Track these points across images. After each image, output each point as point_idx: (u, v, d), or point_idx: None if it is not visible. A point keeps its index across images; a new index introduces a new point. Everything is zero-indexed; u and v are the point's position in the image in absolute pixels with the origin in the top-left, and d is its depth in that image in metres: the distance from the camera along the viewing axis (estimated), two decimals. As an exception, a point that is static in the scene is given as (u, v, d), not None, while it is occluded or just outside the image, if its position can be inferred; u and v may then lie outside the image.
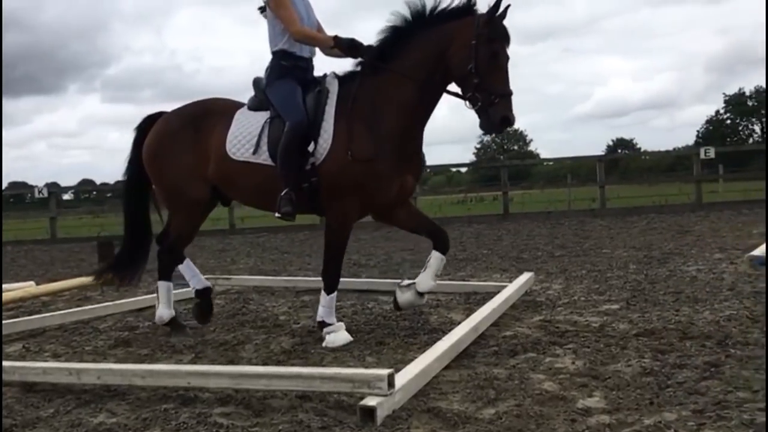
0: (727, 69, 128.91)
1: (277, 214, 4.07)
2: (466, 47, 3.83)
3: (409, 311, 4.67)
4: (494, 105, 3.78)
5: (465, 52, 3.84)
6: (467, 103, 3.91)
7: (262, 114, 4.24)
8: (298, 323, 4.78)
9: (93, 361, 3.93)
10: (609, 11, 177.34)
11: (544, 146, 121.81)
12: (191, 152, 4.38)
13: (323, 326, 4.08)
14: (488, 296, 4.97)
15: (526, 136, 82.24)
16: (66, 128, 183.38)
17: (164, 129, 4.53)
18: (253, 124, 4.21)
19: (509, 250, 9.13)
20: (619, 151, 69.77)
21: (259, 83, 4.36)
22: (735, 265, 6.35)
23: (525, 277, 5.58)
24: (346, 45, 4.09)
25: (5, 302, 5.54)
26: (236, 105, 4.46)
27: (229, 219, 16.08)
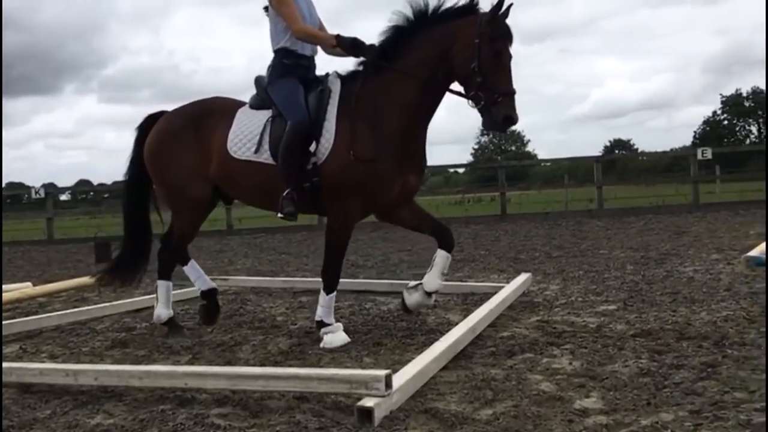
0: (725, 70, 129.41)
1: (279, 215, 4.07)
2: (470, 46, 3.82)
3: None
4: (497, 104, 3.78)
5: (468, 50, 3.83)
6: (470, 102, 3.90)
7: (264, 113, 4.23)
8: (296, 324, 4.77)
9: (90, 362, 3.93)
10: (606, 12, 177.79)
11: (541, 147, 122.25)
12: (192, 151, 4.37)
13: (321, 326, 4.08)
14: (486, 297, 4.98)
15: (524, 136, 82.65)
16: (63, 129, 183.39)
17: (165, 128, 4.52)
18: (255, 123, 4.20)
19: (507, 250, 9.14)
20: (617, 151, 69.97)
21: (261, 82, 4.34)
22: (732, 266, 6.36)
23: (522, 277, 5.59)
24: (348, 44, 4.07)
25: (2, 303, 5.53)
26: (238, 104, 4.45)
27: (227, 220, 16.07)
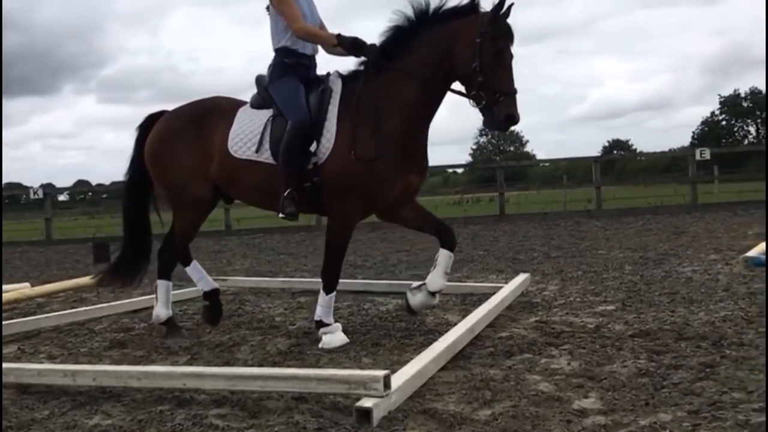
0: (723, 70, 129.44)
1: (280, 215, 4.06)
2: (471, 45, 3.82)
3: (406, 312, 4.66)
4: (499, 103, 3.78)
5: (469, 50, 3.83)
6: (471, 101, 3.90)
7: (265, 112, 4.22)
8: (294, 324, 4.77)
9: (88, 362, 3.92)
10: (604, 13, 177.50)
11: (540, 147, 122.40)
12: (193, 151, 4.36)
13: (320, 326, 4.08)
14: (484, 297, 4.98)
15: (523, 137, 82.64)
16: (61, 129, 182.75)
17: (166, 127, 4.52)
18: (256, 123, 4.20)
19: (505, 251, 9.14)
20: (615, 152, 69.98)
21: (261, 81, 4.34)
22: (730, 266, 6.37)
23: (521, 278, 5.58)
24: (350, 43, 4.07)
25: (1, 304, 5.52)
26: (238, 103, 4.44)
27: (225, 220, 16.06)
